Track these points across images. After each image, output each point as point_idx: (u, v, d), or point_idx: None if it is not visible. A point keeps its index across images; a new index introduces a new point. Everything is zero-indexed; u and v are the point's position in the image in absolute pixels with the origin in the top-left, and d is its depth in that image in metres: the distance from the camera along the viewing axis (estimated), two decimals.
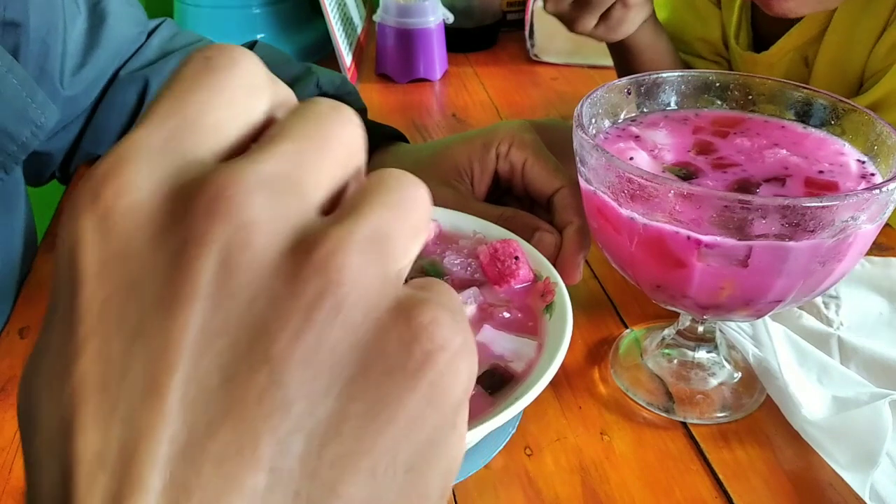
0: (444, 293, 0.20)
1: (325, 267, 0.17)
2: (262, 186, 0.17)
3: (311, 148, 0.19)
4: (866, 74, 0.72)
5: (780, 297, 0.43)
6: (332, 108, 0.20)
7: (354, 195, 0.20)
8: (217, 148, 0.19)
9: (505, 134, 0.58)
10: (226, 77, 0.20)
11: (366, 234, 0.18)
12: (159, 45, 0.73)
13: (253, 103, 0.20)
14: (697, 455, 0.47)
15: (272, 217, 0.17)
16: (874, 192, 0.39)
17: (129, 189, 0.17)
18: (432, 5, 1.04)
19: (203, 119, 0.19)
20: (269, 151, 0.18)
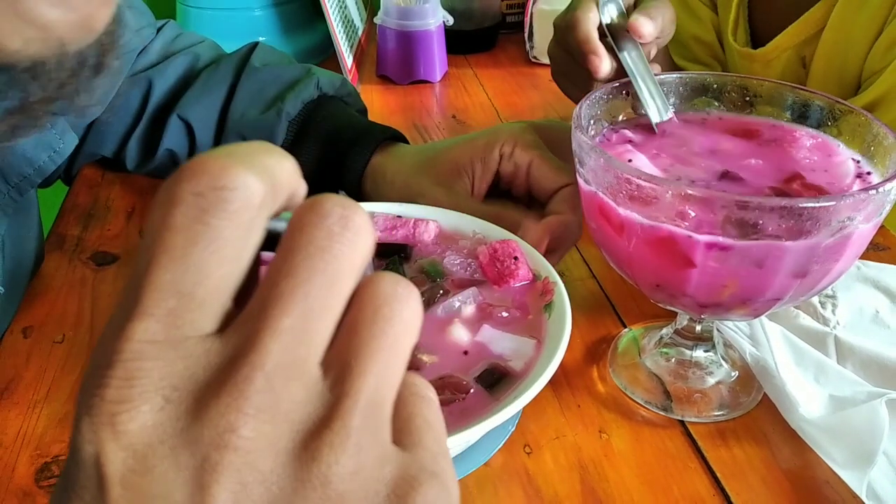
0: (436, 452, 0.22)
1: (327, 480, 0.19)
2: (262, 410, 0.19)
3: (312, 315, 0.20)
4: (864, 74, 0.72)
5: (777, 297, 0.44)
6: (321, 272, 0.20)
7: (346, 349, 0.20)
8: (218, 317, 0.20)
9: (508, 135, 0.59)
10: (224, 225, 0.19)
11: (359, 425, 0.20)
12: (162, 46, 0.73)
13: (254, 237, 0.20)
14: (695, 453, 0.47)
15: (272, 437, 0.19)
16: (871, 193, 0.40)
17: (140, 412, 0.18)
18: (432, 8, 1.04)
19: (200, 291, 0.19)
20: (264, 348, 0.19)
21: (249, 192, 0.20)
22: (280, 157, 0.22)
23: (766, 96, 0.53)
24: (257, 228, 0.20)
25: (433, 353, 0.44)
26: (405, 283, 0.22)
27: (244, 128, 0.66)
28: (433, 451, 0.22)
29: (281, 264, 0.20)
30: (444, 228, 0.54)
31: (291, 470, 0.19)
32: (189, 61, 0.72)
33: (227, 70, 0.70)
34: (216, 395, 0.18)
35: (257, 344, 0.19)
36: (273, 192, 0.21)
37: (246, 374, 0.19)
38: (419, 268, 0.51)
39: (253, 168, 0.20)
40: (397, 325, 0.21)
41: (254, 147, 0.21)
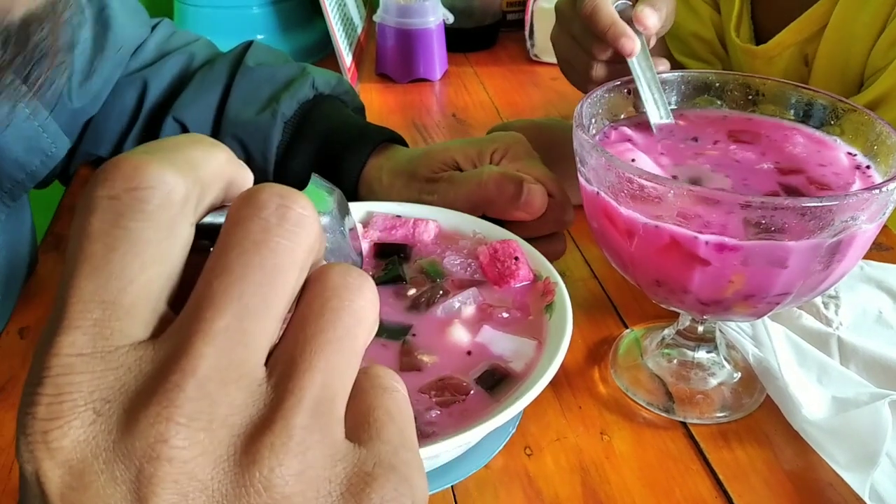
0: (397, 445, 0.21)
1: (269, 483, 0.18)
2: (195, 418, 0.18)
3: (251, 314, 0.19)
4: (867, 71, 0.72)
5: (780, 297, 0.43)
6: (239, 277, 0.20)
7: (293, 346, 0.20)
8: (149, 323, 0.19)
9: (500, 143, 0.59)
10: (142, 227, 0.19)
11: (303, 424, 0.19)
12: (156, 45, 0.73)
13: (181, 235, 0.20)
14: (697, 455, 0.47)
15: (208, 445, 0.18)
16: (874, 192, 0.39)
17: (72, 427, 0.18)
18: (432, 5, 1.04)
19: (125, 298, 0.19)
20: (196, 351, 0.18)
21: (167, 189, 0.19)
22: (208, 147, 0.21)
23: (769, 95, 0.53)
24: (182, 226, 0.20)
25: (433, 353, 0.44)
26: (357, 272, 0.21)
27: (239, 129, 0.66)
28: (393, 444, 0.21)
29: (215, 263, 0.19)
30: (444, 228, 0.54)
31: (233, 476, 0.18)
32: (184, 61, 0.71)
33: (222, 70, 0.69)
34: (146, 404, 0.18)
35: (189, 349, 0.18)
36: (199, 186, 0.20)
37: (176, 381, 0.18)
38: (419, 268, 0.50)
39: (172, 164, 0.19)
40: (347, 317, 0.20)
41: (178, 140, 0.21)
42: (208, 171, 0.20)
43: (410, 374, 0.42)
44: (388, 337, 0.45)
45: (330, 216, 0.26)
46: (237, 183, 0.22)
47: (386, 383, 0.22)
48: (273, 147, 0.65)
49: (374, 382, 0.22)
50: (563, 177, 0.61)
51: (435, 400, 0.41)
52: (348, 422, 0.21)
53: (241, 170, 0.22)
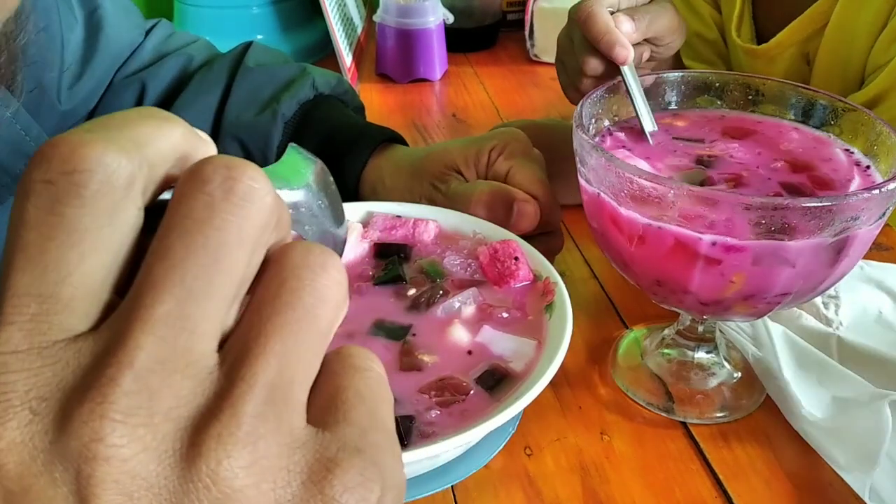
0: (366, 427, 0.20)
1: (217, 477, 0.17)
2: (132, 413, 0.17)
3: (194, 298, 0.18)
4: (868, 69, 0.72)
5: (780, 297, 0.43)
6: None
7: (247, 330, 0.19)
8: (90, 314, 0.18)
9: (497, 142, 0.59)
10: (80, 213, 0.17)
11: (255, 412, 0.18)
12: (154, 47, 0.73)
13: (125, 219, 0.18)
14: (697, 455, 0.47)
15: (150, 440, 0.17)
16: (874, 192, 0.39)
17: (7, 429, 0.17)
18: (432, 5, 1.04)
19: (63, 291, 0.17)
20: (131, 346, 0.17)
21: (108, 171, 0.18)
22: (159, 122, 0.19)
23: (769, 95, 0.53)
24: (127, 211, 0.18)
25: (434, 353, 0.44)
26: (320, 250, 0.20)
27: (239, 130, 0.66)
28: (361, 426, 0.19)
29: (156, 245, 0.18)
30: (444, 228, 0.54)
31: (179, 471, 0.17)
32: (182, 62, 0.71)
33: (221, 71, 0.69)
34: (80, 401, 0.17)
35: (126, 339, 0.17)
36: (147, 166, 0.18)
37: (111, 374, 0.17)
38: (419, 268, 0.50)
39: (114, 143, 0.18)
40: (307, 297, 0.19)
41: (126, 116, 0.19)
42: (158, 149, 0.19)
43: (411, 374, 0.42)
44: (389, 337, 0.45)
45: (306, 189, 0.24)
46: (194, 159, 0.20)
47: (358, 363, 0.21)
48: (273, 148, 0.65)
49: (346, 363, 0.21)
50: (562, 177, 0.61)
51: (435, 400, 0.41)
52: (314, 406, 0.20)
53: (201, 144, 0.20)
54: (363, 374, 0.21)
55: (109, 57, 0.68)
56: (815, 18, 0.75)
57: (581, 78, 0.63)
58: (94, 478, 0.16)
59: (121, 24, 0.70)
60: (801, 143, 0.50)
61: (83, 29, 0.67)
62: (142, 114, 0.19)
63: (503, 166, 0.58)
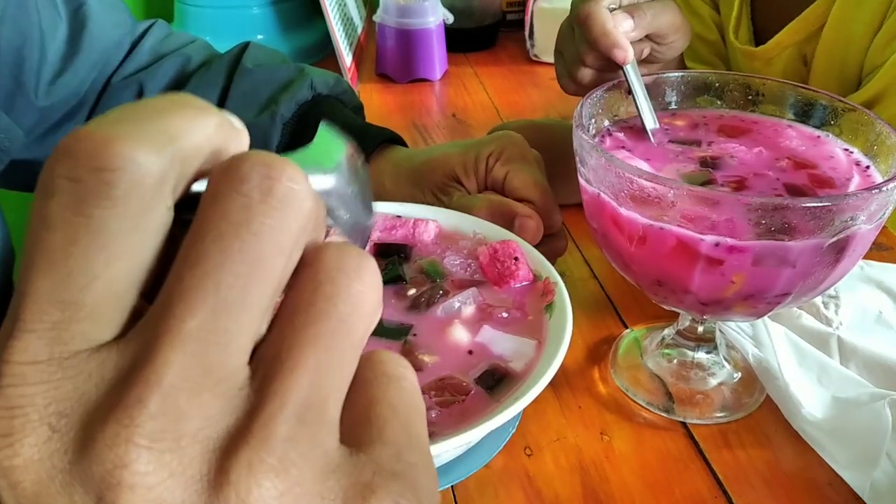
0: (401, 446, 0.18)
1: (246, 503, 0.16)
2: (159, 438, 0.16)
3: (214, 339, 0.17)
4: (865, 69, 0.72)
5: (780, 297, 0.43)
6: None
7: (279, 342, 0.17)
8: (116, 322, 0.17)
9: (494, 147, 0.59)
10: (108, 215, 0.16)
11: (287, 434, 0.17)
12: (152, 47, 0.72)
13: (155, 220, 0.17)
14: (697, 455, 0.47)
15: (176, 466, 0.16)
16: (874, 192, 0.39)
17: (24, 445, 0.16)
18: (432, 6, 1.04)
19: (87, 297, 0.16)
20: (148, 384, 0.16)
21: (139, 170, 0.16)
22: (194, 113, 0.18)
23: (769, 95, 0.53)
24: (157, 212, 0.17)
25: (434, 353, 0.44)
26: (355, 252, 0.18)
27: None
28: (397, 445, 0.18)
29: (188, 250, 0.17)
30: (444, 228, 0.54)
31: (207, 497, 0.16)
32: (180, 63, 0.71)
33: (219, 72, 0.69)
34: (104, 422, 0.16)
35: (154, 355, 0.16)
36: (180, 162, 0.17)
37: (138, 394, 0.16)
38: (419, 268, 0.50)
39: (147, 138, 0.16)
40: (342, 305, 0.17)
41: (158, 106, 0.18)
42: (192, 142, 0.17)
43: None
44: (389, 337, 0.45)
45: (338, 174, 0.22)
46: (228, 152, 0.19)
47: (391, 371, 0.19)
48: (272, 149, 0.65)
49: (377, 371, 0.19)
50: (562, 177, 0.61)
51: (435, 400, 0.41)
52: (346, 422, 0.18)
53: (234, 135, 0.19)
54: (397, 385, 0.19)
55: (94, 54, 0.68)
56: (813, 20, 0.75)
57: (578, 67, 0.63)
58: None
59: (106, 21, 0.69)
60: (800, 142, 0.50)
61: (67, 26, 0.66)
62: (175, 102, 0.18)
63: (500, 172, 0.58)
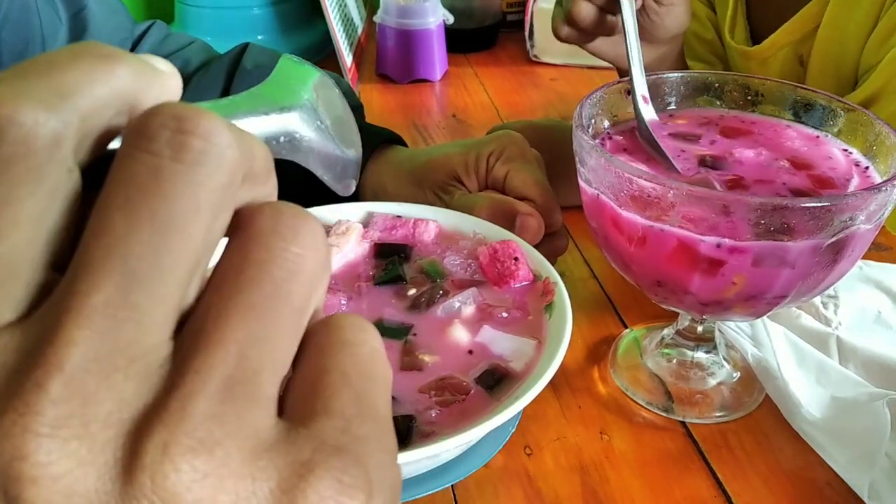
0: (350, 416, 0.17)
1: (165, 492, 0.15)
2: (63, 424, 0.14)
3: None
4: (861, 69, 0.72)
5: (780, 297, 0.43)
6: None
7: (204, 314, 0.16)
8: (20, 299, 0.15)
9: (496, 145, 0.59)
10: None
11: (210, 412, 0.15)
12: (150, 49, 0.72)
13: (55, 184, 0.15)
14: (697, 454, 0.47)
15: (86, 454, 0.14)
16: (873, 193, 0.39)
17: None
18: (432, 6, 1.04)
19: None
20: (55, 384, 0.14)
21: (23, 132, 0.15)
22: (95, 63, 0.16)
23: (768, 95, 0.53)
24: (55, 174, 0.15)
25: (434, 353, 0.44)
26: (293, 211, 0.17)
27: None
28: (344, 417, 0.16)
29: (94, 220, 0.15)
30: (444, 228, 0.54)
31: (121, 485, 0.14)
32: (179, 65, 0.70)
33: (219, 74, 0.69)
34: (1, 411, 0.14)
35: (56, 335, 0.14)
36: (79, 118, 0.15)
37: (37, 379, 0.14)
38: (419, 268, 0.51)
39: (33, 96, 0.15)
40: (276, 271, 0.16)
41: (51, 59, 0.16)
42: (94, 96, 0.16)
43: (411, 373, 0.43)
44: (390, 337, 0.45)
45: (300, 111, 0.20)
46: (148, 102, 0.16)
47: (348, 336, 0.18)
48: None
49: (333, 337, 0.17)
50: (562, 177, 0.61)
51: (435, 399, 0.41)
52: (293, 395, 0.17)
53: (158, 81, 0.17)
54: (352, 351, 0.17)
55: None
56: (807, 19, 0.75)
57: (579, 2, 0.63)
58: (21, 500, 0.14)
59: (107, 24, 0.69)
60: (800, 143, 0.51)
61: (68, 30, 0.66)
62: (73, 53, 0.16)
63: (501, 171, 0.58)
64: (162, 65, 0.17)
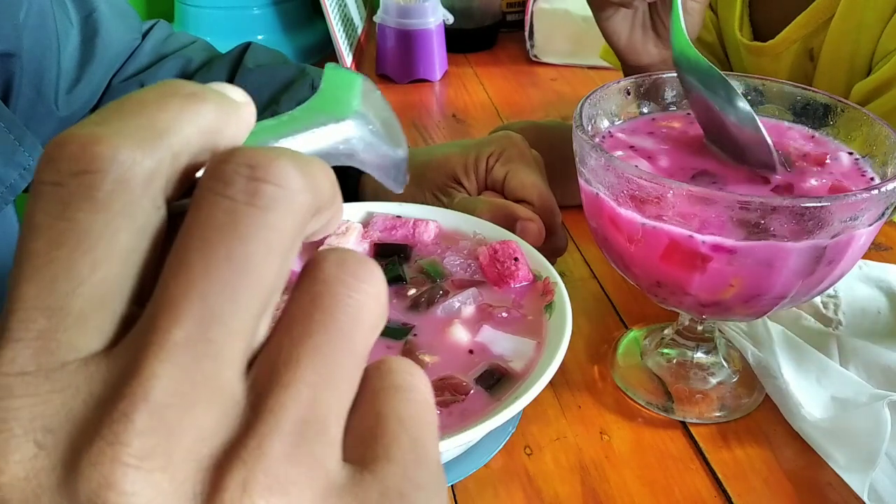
0: (408, 463, 0.17)
1: None
2: (147, 456, 0.15)
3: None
4: (876, 58, 0.72)
5: (780, 297, 0.43)
6: None
7: (276, 354, 0.16)
8: (105, 331, 0.16)
9: (495, 147, 0.59)
10: (92, 219, 0.15)
11: (284, 452, 0.16)
12: (153, 48, 0.72)
13: (144, 221, 0.16)
14: (697, 454, 0.47)
15: (167, 485, 0.15)
16: (872, 193, 0.39)
17: (10, 463, 0.15)
18: (432, 6, 1.04)
19: (73, 304, 0.15)
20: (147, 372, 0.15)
21: (122, 171, 0.15)
22: (183, 103, 0.17)
23: (769, 95, 0.53)
24: (146, 211, 0.16)
25: (434, 353, 0.44)
26: (356, 259, 0.17)
27: None
28: (404, 463, 0.17)
29: (174, 258, 0.16)
30: (444, 228, 0.54)
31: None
32: (181, 64, 0.71)
33: (220, 73, 0.69)
34: (90, 439, 0.15)
35: (140, 369, 0.15)
36: (171, 156, 0.16)
37: (124, 409, 0.15)
38: (419, 268, 0.51)
39: (130, 136, 0.16)
40: (343, 316, 0.17)
41: (143, 99, 0.17)
42: (181, 136, 0.16)
43: None
44: (390, 337, 0.45)
45: (354, 118, 0.21)
46: (228, 134, 0.18)
47: (400, 381, 0.18)
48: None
49: (386, 382, 0.18)
50: (562, 178, 0.61)
51: (435, 399, 0.41)
52: (351, 437, 0.17)
53: (235, 114, 0.18)
54: (406, 397, 0.18)
55: (107, 60, 0.68)
56: (821, 12, 0.75)
57: None
58: None
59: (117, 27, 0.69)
60: (802, 143, 0.50)
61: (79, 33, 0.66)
62: (161, 93, 0.17)
63: (500, 172, 0.58)
64: (238, 95, 0.18)
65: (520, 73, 1.10)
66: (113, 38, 0.68)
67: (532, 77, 1.09)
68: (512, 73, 1.10)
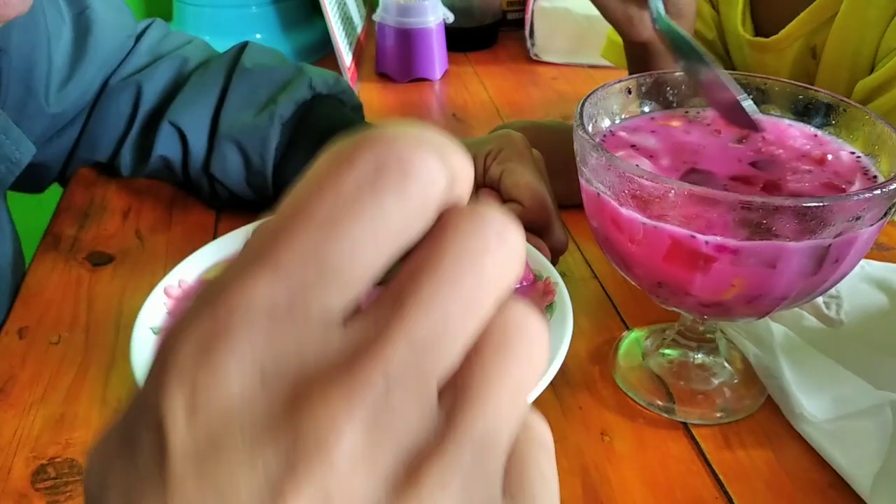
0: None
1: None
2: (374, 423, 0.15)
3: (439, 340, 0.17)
4: (879, 55, 0.72)
5: (782, 298, 0.43)
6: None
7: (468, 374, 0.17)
8: (349, 304, 0.16)
9: (494, 146, 0.59)
10: (395, 207, 0.16)
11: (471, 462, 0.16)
12: (149, 48, 0.72)
13: (418, 227, 0.17)
14: (698, 456, 0.47)
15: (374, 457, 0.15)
16: (875, 193, 0.39)
17: (227, 385, 0.15)
18: (432, 5, 1.03)
19: (347, 270, 0.16)
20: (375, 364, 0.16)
21: (430, 180, 0.17)
22: (457, 148, 0.18)
23: (771, 94, 0.53)
24: (429, 218, 0.17)
25: None
26: (538, 318, 0.19)
27: (237, 132, 0.65)
28: None
29: (424, 262, 0.17)
30: None
31: (388, 501, 0.15)
32: (178, 64, 0.71)
33: (218, 73, 0.69)
34: (324, 389, 0.15)
35: (387, 344, 0.16)
36: (449, 188, 0.18)
37: (368, 373, 0.15)
38: None
39: (436, 148, 0.17)
40: (523, 363, 0.18)
41: (433, 132, 0.18)
42: (456, 174, 0.18)
43: None
44: None
45: None
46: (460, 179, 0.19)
47: (541, 437, 0.19)
48: (271, 149, 0.65)
49: (530, 434, 0.19)
50: (563, 177, 0.61)
51: None
52: (504, 477, 0.18)
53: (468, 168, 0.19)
54: (545, 452, 0.19)
55: (100, 58, 0.68)
56: (824, 9, 0.75)
57: None
58: (306, 478, 0.15)
59: (111, 24, 0.69)
60: (803, 142, 0.50)
61: (71, 30, 0.66)
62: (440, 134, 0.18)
63: (496, 171, 0.58)
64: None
65: (520, 72, 1.10)
66: (107, 35, 0.68)
67: (533, 76, 1.09)
68: (512, 72, 1.10)
